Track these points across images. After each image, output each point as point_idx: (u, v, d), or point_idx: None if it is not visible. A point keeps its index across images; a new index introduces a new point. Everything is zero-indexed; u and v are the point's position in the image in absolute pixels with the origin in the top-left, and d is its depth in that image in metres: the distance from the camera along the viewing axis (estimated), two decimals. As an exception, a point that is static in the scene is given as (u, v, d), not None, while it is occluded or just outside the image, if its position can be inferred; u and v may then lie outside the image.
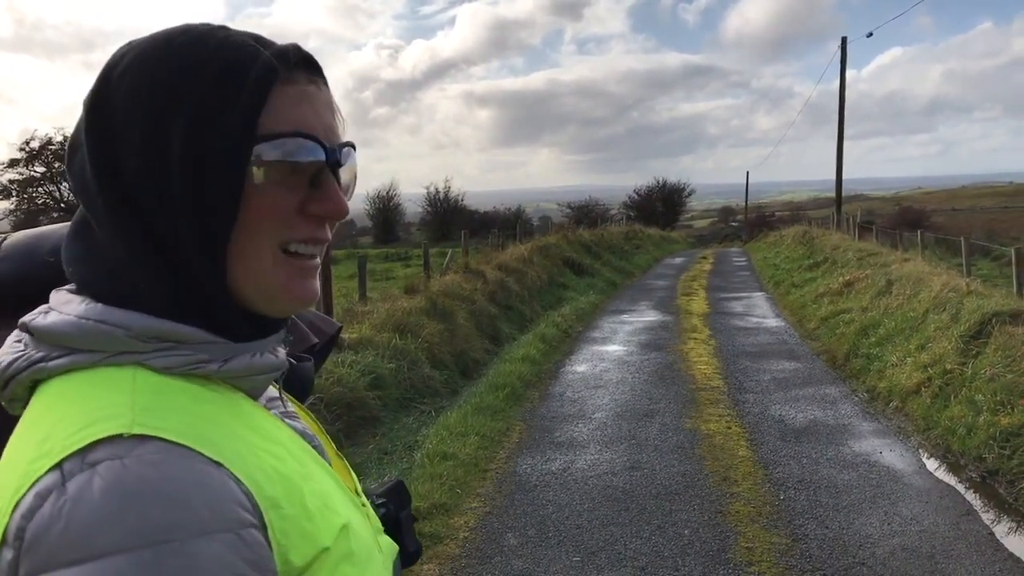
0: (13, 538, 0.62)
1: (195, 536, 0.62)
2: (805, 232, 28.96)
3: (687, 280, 20.99)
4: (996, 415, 6.59)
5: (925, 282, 11.70)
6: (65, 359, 0.73)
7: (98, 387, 0.71)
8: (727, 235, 53.61)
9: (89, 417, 0.67)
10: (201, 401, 0.73)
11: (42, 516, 0.62)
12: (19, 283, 2.93)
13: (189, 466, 0.66)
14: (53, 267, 2.82)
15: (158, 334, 0.74)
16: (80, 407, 0.69)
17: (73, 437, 0.66)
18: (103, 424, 0.66)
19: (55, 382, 0.73)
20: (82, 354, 0.74)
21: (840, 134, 32.26)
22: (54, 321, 0.75)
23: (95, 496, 0.62)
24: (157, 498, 0.62)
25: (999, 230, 30.81)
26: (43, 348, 0.75)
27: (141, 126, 0.74)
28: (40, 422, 0.70)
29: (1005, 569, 4.58)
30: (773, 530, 5.14)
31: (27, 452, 0.67)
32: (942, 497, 5.66)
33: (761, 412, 7.87)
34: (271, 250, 0.77)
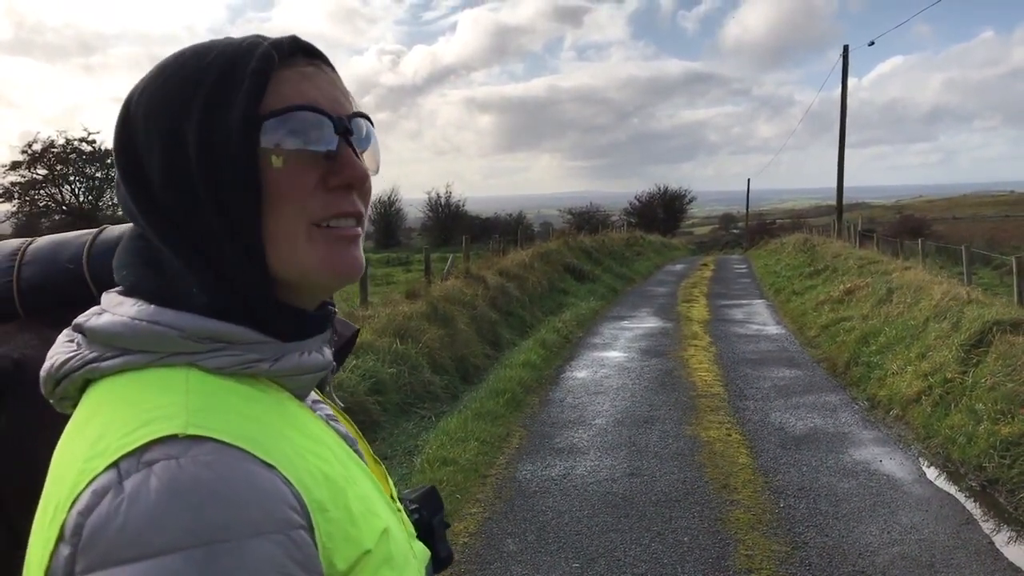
0: (71, 534, 0.64)
1: (248, 536, 0.64)
2: (806, 240, 28.98)
3: (688, 287, 20.99)
4: (996, 424, 6.58)
5: (926, 290, 11.70)
6: (118, 360, 0.75)
7: (152, 387, 0.73)
8: (728, 242, 53.64)
9: (144, 417, 0.69)
10: (251, 402, 0.75)
11: (99, 514, 0.63)
12: (41, 287, 2.96)
13: (242, 467, 0.67)
14: (73, 273, 2.84)
15: (210, 334, 0.76)
16: (134, 407, 0.71)
17: (129, 437, 0.67)
18: (158, 424, 0.68)
19: (107, 381, 0.75)
20: (135, 355, 0.75)
21: (841, 142, 32.29)
22: (108, 322, 0.76)
23: (151, 495, 0.63)
24: (211, 498, 0.64)
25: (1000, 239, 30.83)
26: (96, 348, 0.76)
27: (159, 134, 0.77)
28: (93, 421, 0.72)
29: (1005, 578, 4.57)
30: (773, 538, 5.13)
31: (81, 451, 0.69)
32: (942, 506, 5.65)
33: (761, 419, 7.87)
34: (302, 228, 0.79)
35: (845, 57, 31.61)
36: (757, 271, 26.08)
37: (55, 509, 0.67)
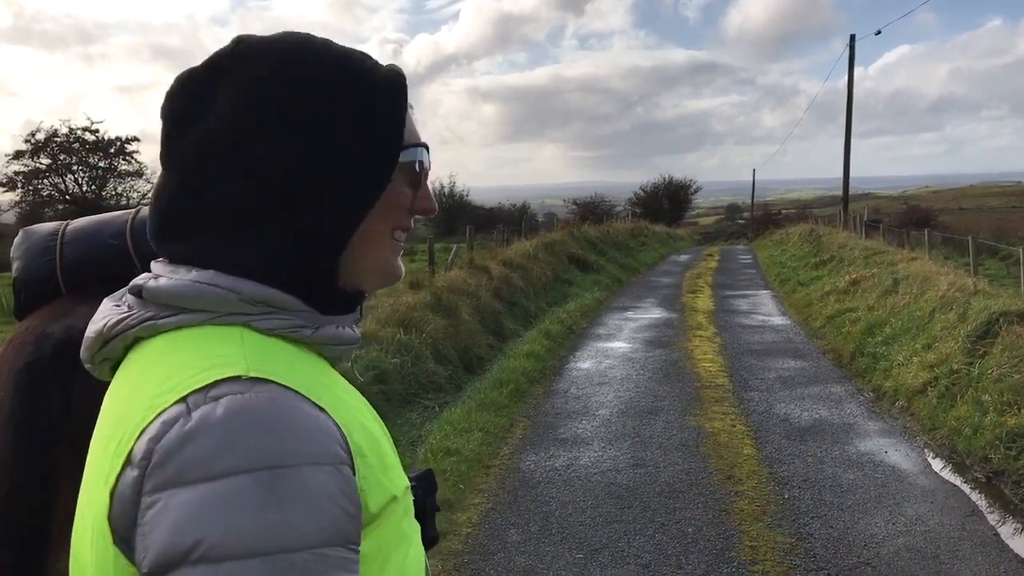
0: (139, 459, 0.72)
1: (306, 464, 0.72)
2: (811, 230, 28.88)
3: (693, 277, 20.95)
4: (1002, 415, 6.55)
5: (932, 281, 11.65)
6: (175, 317, 0.84)
7: (211, 340, 0.82)
8: (733, 233, 53.54)
9: (207, 363, 0.78)
10: (298, 358, 0.85)
11: (169, 439, 0.71)
12: (84, 264, 2.97)
13: (299, 405, 0.76)
14: (116, 248, 2.85)
15: (263, 299, 0.85)
16: (197, 355, 0.80)
17: (195, 377, 0.76)
18: (222, 368, 0.77)
19: (165, 337, 0.84)
20: (192, 314, 0.84)
21: (848, 132, 32.18)
22: (170, 283, 0.84)
23: (219, 423, 0.72)
24: (273, 429, 0.73)
25: (1007, 229, 30.73)
26: (153, 308, 0.85)
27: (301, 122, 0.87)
28: (157, 367, 0.80)
29: (1011, 570, 4.55)
30: (777, 529, 5.11)
31: (148, 390, 0.77)
32: (947, 497, 5.63)
33: (766, 410, 7.84)
34: (387, 234, 0.95)
35: (852, 46, 31.46)
36: (762, 262, 26.02)
37: (119, 442, 0.75)
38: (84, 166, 38.29)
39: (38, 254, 2.92)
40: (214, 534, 0.68)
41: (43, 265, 2.90)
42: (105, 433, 0.81)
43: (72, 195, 37.78)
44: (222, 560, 0.68)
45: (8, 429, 2.38)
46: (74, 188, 38.24)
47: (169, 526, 0.69)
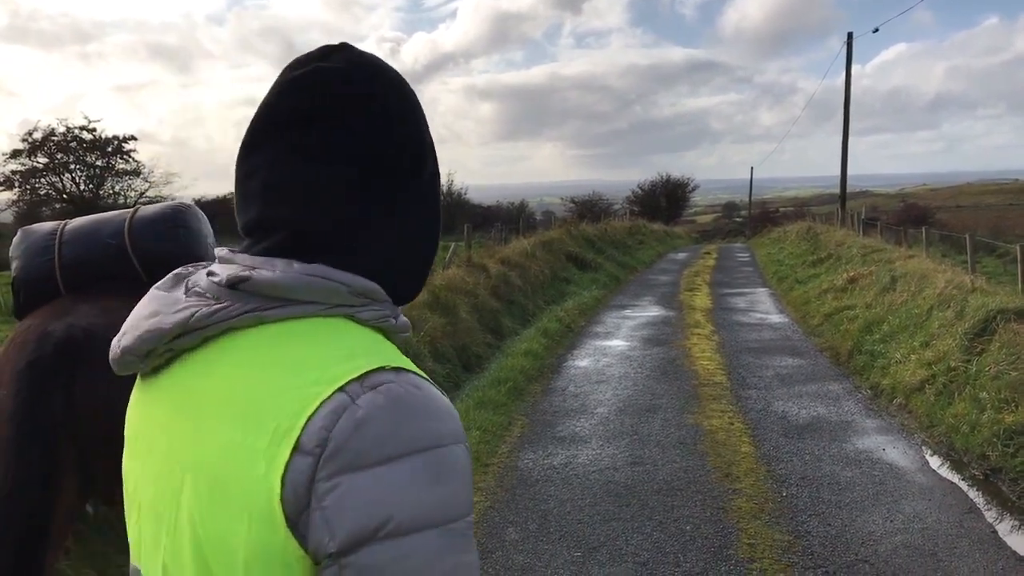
0: (313, 446, 0.78)
1: (452, 443, 0.83)
2: (809, 228, 28.89)
3: (690, 275, 20.95)
4: (1000, 413, 6.56)
5: (929, 279, 11.66)
6: (283, 309, 0.88)
7: (330, 331, 0.89)
8: (731, 231, 53.56)
9: (341, 352, 0.85)
10: (396, 347, 0.94)
11: (341, 428, 0.78)
12: (83, 263, 2.99)
13: (435, 391, 0.86)
14: (114, 248, 2.87)
15: (365, 291, 0.92)
16: (326, 346, 0.86)
17: (340, 367, 0.83)
18: (364, 359, 0.84)
19: (271, 328, 0.88)
20: (300, 305, 0.89)
21: (845, 130, 32.18)
22: (282, 276, 0.88)
23: (385, 410, 0.80)
24: (428, 413, 0.83)
25: (1004, 227, 30.76)
26: (255, 301, 0.88)
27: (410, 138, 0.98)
28: (284, 357, 0.85)
29: (1008, 568, 4.56)
30: (775, 526, 5.12)
31: (288, 380, 0.82)
32: (945, 495, 5.64)
33: (764, 408, 7.85)
34: None
35: (849, 44, 31.46)
36: (760, 260, 26.02)
37: (274, 431, 0.79)
38: (81, 165, 38.22)
39: (37, 253, 2.93)
40: (399, 511, 0.78)
41: (42, 265, 2.91)
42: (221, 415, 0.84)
43: (69, 194, 37.71)
44: (406, 534, 0.78)
45: (10, 428, 2.39)
46: (71, 187, 38.16)
47: (357, 507, 0.77)
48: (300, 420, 0.79)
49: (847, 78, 31.55)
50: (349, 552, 0.77)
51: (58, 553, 2.47)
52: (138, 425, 0.99)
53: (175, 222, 2.97)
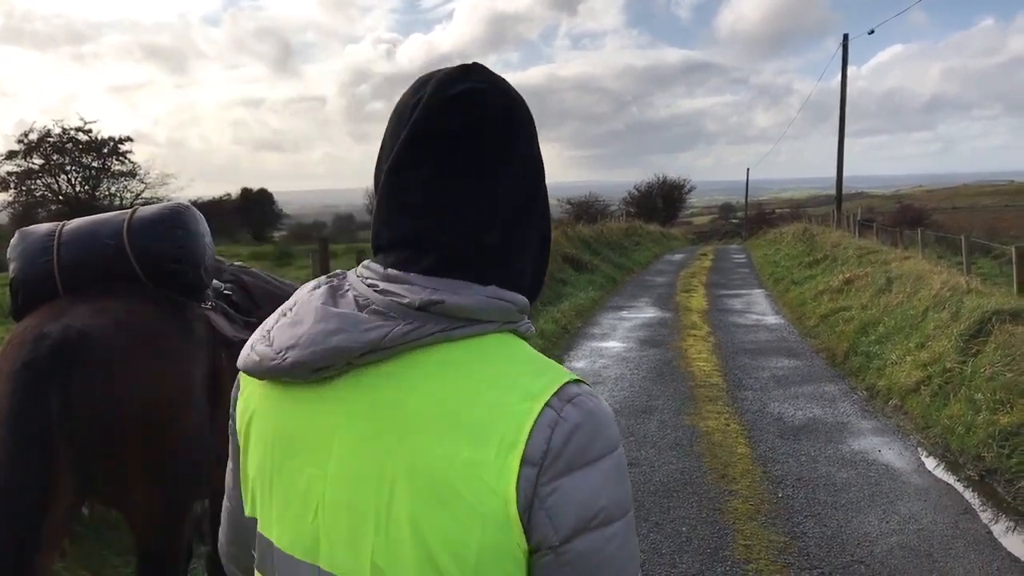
0: (538, 457, 0.91)
1: (621, 444, 0.99)
2: (805, 229, 28.93)
3: (687, 277, 20.97)
4: (995, 414, 6.57)
5: (925, 280, 11.69)
6: (467, 329, 0.98)
7: (510, 348, 1.01)
8: (727, 232, 53.58)
9: (533, 369, 0.98)
10: None
11: (556, 440, 0.92)
12: (80, 265, 2.99)
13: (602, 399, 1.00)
14: (112, 249, 2.88)
15: (523, 308, 1.04)
16: (517, 364, 0.99)
17: (539, 383, 0.96)
18: (553, 374, 0.98)
19: (458, 345, 0.97)
20: (480, 324, 0.98)
21: (841, 131, 32.22)
22: (470, 300, 0.97)
23: (583, 421, 0.94)
24: (607, 420, 0.97)
25: (999, 229, 30.81)
26: (444, 322, 0.97)
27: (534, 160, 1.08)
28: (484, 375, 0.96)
29: (1003, 568, 4.57)
30: (771, 527, 5.13)
31: (496, 398, 0.94)
32: (940, 496, 5.65)
33: (760, 409, 7.86)
34: None
35: (845, 46, 31.52)
36: (756, 261, 26.06)
37: (499, 444, 0.91)
38: (77, 166, 38.16)
39: (36, 255, 2.93)
40: (606, 504, 0.94)
41: (41, 266, 2.91)
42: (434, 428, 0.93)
43: (65, 195, 37.64)
44: (610, 523, 0.94)
45: (6, 429, 2.39)
46: (67, 188, 38.10)
47: (574, 505, 0.92)
48: (523, 435, 0.92)
49: (843, 79, 31.60)
50: (567, 542, 0.92)
51: (55, 554, 2.47)
52: (298, 428, 1.03)
53: (174, 223, 2.97)
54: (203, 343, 2.87)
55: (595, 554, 0.94)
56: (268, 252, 30.99)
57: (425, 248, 1.00)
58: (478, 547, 0.91)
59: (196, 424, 2.72)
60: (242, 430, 1.11)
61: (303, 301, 1.04)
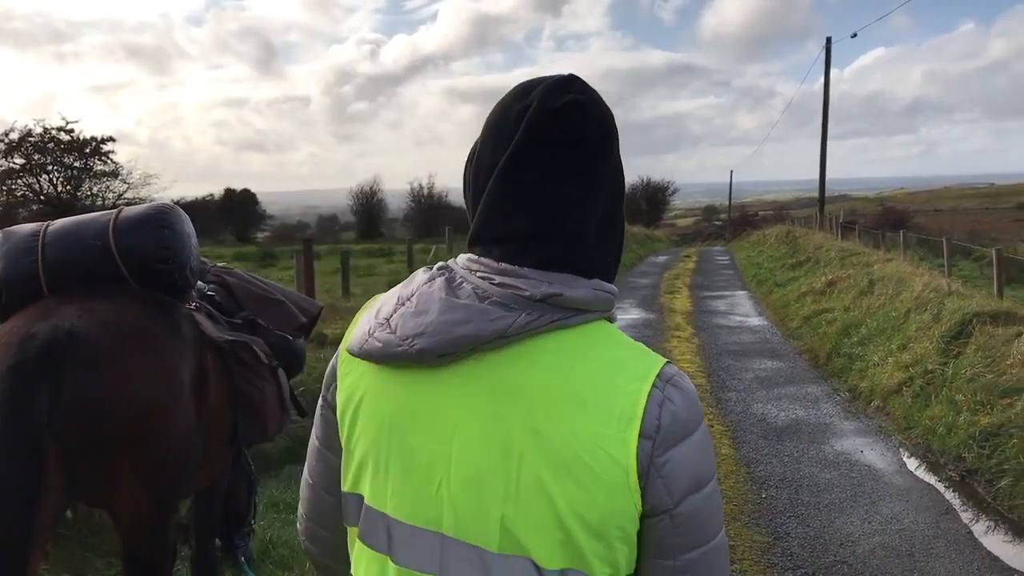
0: (652, 432, 1.06)
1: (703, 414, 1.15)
2: (788, 231, 29.07)
3: (670, 278, 21.02)
4: (976, 415, 6.63)
5: (907, 282, 11.77)
6: (578, 317, 1.10)
7: (612, 334, 1.14)
8: (710, 234, 53.70)
9: (634, 352, 1.13)
10: None
11: (665, 416, 1.07)
12: (65, 265, 2.98)
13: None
14: (98, 250, 2.87)
15: (615, 295, 1.17)
16: (623, 349, 1.13)
17: (644, 365, 1.10)
18: (652, 357, 1.13)
19: (571, 332, 1.10)
20: (588, 313, 1.11)
21: (824, 134, 32.39)
22: (583, 293, 1.10)
23: (682, 398, 1.10)
24: (695, 395, 1.13)
25: (981, 231, 31.06)
26: (559, 312, 1.08)
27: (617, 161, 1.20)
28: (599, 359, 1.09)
29: (983, 568, 4.61)
30: (755, 528, 5.15)
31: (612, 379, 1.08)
32: (922, 496, 5.69)
33: (743, 410, 7.90)
34: None
35: (828, 49, 31.68)
36: (739, 263, 26.16)
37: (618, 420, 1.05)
38: (59, 166, 37.82)
39: (20, 255, 2.91)
40: (706, 466, 1.11)
41: (26, 266, 2.89)
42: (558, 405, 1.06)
43: (47, 196, 37.33)
44: (708, 482, 1.11)
45: None
46: (49, 188, 37.77)
47: (686, 470, 1.08)
48: (638, 411, 1.06)
49: (826, 82, 31.77)
50: (679, 505, 1.08)
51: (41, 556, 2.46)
52: (419, 407, 1.13)
53: (160, 223, 2.95)
54: (190, 343, 2.86)
55: (700, 512, 1.10)
56: (251, 253, 30.89)
57: (534, 244, 1.11)
58: (601, 510, 1.05)
59: (184, 424, 2.71)
60: (347, 412, 1.20)
61: (422, 292, 1.13)
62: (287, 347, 3.62)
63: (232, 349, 3.12)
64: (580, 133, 1.12)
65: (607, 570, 1.08)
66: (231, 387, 3.09)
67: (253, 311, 3.60)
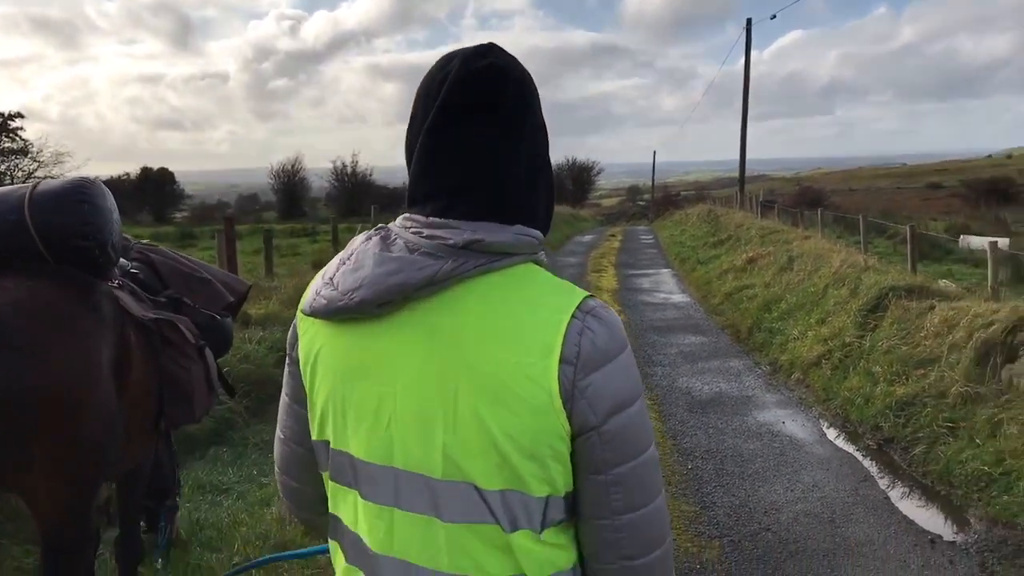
0: (572, 358, 1.14)
1: (627, 340, 1.23)
2: (710, 211, 29.55)
3: (597, 257, 21.21)
4: (892, 385, 6.84)
5: (825, 258, 12.06)
6: (504, 260, 1.18)
7: (536, 274, 1.22)
8: (635, 214, 54.29)
9: (555, 288, 1.21)
10: None
11: (585, 343, 1.15)
12: None
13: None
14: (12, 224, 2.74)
15: (541, 240, 1.25)
16: (545, 285, 1.21)
17: (564, 300, 1.18)
18: (574, 292, 1.21)
19: (497, 275, 1.18)
20: (512, 257, 1.19)
21: (744, 115, 32.90)
22: (505, 237, 1.18)
23: (603, 326, 1.18)
24: (618, 324, 1.21)
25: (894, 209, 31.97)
26: (483, 257, 1.16)
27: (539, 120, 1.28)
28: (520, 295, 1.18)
29: (900, 531, 4.76)
30: (682, 499, 5.24)
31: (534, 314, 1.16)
32: (841, 464, 5.85)
33: (669, 385, 8.01)
34: None
35: (748, 30, 32.13)
36: (663, 241, 26.51)
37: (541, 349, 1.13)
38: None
39: None
40: (629, 389, 1.19)
41: None
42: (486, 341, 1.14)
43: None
44: (633, 402, 1.20)
45: None
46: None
47: (608, 392, 1.16)
48: (558, 340, 1.14)
49: (746, 63, 32.22)
50: (605, 423, 1.16)
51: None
52: (366, 356, 1.22)
53: (80, 197, 2.82)
54: (110, 323, 2.75)
55: (626, 429, 1.18)
56: (170, 233, 30.18)
57: (460, 197, 1.19)
58: (531, 432, 1.14)
59: (103, 407, 2.62)
60: (307, 367, 1.29)
61: (360, 251, 1.23)
62: (214, 326, 3.52)
63: (157, 328, 3.03)
64: (498, 94, 1.20)
65: (545, 488, 1.17)
66: (156, 367, 3.00)
67: (179, 289, 3.49)
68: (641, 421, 1.22)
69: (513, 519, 1.17)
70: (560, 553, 1.21)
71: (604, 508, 1.20)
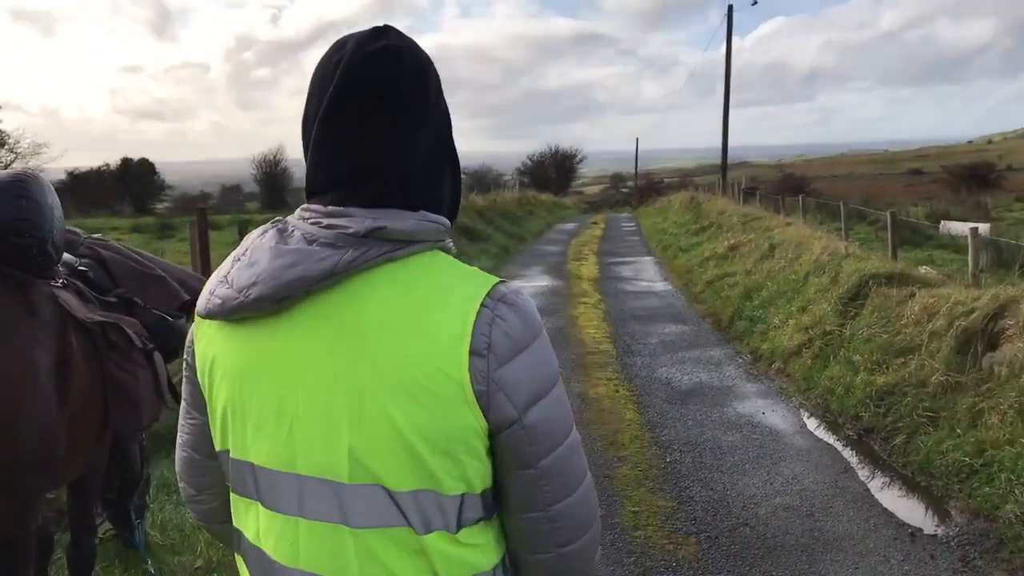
0: (482, 350, 1.09)
1: (542, 324, 1.20)
2: (692, 198, 29.51)
3: (578, 245, 21.11)
4: (872, 375, 6.77)
5: (806, 246, 11.99)
6: (407, 249, 1.13)
7: (441, 262, 1.17)
8: (617, 201, 54.27)
9: (463, 276, 1.16)
10: None
11: (496, 333, 1.11)
12: None
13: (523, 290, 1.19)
14: None
15: (447, 228, 1.20)
16: (453, 273, 1.16)
17: (472, 287, 1.13)
18: (484, 279, 1.16)
19: (397, 264, 1.12)
20: (416, 244, 1.14)
21: (726, 102, 32.87)
22: (408, 225, 1.13)
23: (513, 315, 1.13)
24: (531, 308, 1.17)
25: (875, 196, 31.98)
26: (387, 246, 1.11)
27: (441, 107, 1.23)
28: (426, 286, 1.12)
29: (880, 524, 4.68)
30: (659, 493, 5.14)
31: (440, 302, 1.11)
32: (821, 456, 5.77)
33: (648, 375, 7.92)
34: None
35: (730, 17, 32.10)
36: (645, 229, 26.44)
37: (448, 340, 1.08)
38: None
39: None
40: (545, 376, 1.16)
41: None
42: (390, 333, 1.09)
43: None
44: (551, 388, 1.17)
45: None
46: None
47: (526, 382, 1.13)
48: (467, 329, 1.09)
49: (728, 50, 32.20)
50: (524, 415, 1.12)
51: None
52: (263, 356, 1.15)
53: (17, 192, 2.65)
54: (49, 325, 2.60)
55: (548, 419, 1.16)
56: (149, 224, 29.86)
57: (359, 185, 1.14)
58: (443, 427, 1.08)
59: (41, 413, 2.47)
60: (204, 373, 1.22)
61: (255, 245, 1.16)
62: (166, 327, 3.36)
63: (101, 331, 2.88)
64: (394, 77, 1.15)
65: (460, 486, 1.12)
66: (100, 373, 2.86)
67: (130, 288, 3.34)
68: (562, 408, 1.19)
69: (427, 521, 1.12)
70: (479, 554, 1.17)
71: (536, 501, 1.18)
